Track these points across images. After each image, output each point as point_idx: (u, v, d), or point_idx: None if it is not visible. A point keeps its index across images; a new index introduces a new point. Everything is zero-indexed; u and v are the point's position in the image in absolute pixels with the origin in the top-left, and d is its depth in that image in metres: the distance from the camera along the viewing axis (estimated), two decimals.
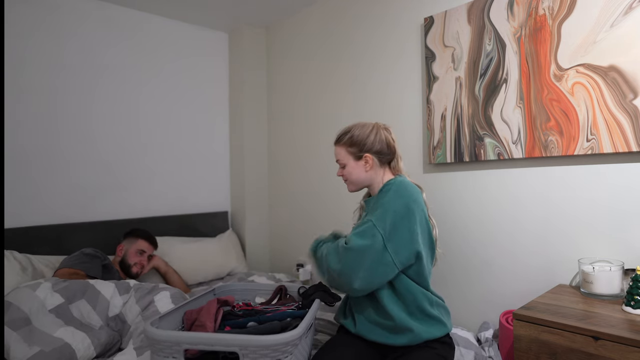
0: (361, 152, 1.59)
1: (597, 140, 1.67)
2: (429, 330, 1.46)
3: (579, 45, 1.72)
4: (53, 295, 1.74)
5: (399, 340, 1.45)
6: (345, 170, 1.64)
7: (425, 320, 1.47)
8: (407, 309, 1.46)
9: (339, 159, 1.65)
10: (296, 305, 1.68)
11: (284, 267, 3.21)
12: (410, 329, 1.44)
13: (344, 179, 1.67)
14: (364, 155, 1.59)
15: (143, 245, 2.41)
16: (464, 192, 2.12)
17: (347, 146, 1.62)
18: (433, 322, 1.48)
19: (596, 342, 1.27)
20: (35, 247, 2.38)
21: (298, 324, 1.60)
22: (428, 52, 2.20)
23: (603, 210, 1.70)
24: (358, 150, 1.60)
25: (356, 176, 1.62)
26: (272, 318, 1.50)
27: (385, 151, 1.60)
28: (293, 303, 1.71)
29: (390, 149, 1.61)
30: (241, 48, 3.28)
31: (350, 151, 1.62)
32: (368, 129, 1.61)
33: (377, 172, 1.61)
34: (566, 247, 1.79)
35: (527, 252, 1.91)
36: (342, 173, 1.66)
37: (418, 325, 1.45)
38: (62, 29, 2.62)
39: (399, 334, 1.45)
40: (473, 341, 1.78)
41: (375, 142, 1.59)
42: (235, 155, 3.34)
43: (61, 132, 2.60)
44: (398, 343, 1.45)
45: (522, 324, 1.43)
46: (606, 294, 1.55)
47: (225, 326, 1.46)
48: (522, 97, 1.87)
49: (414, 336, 1.44)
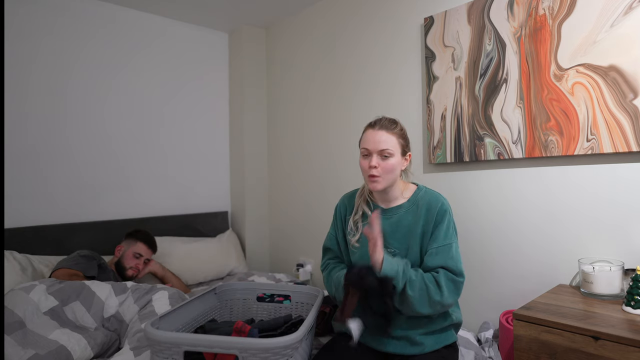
0: (407, 148, 1.50)
1: (597, 140, 1.66)
2: (439, 342, 1.46)
3: (579, 45, 1.71)
4: (47, 297, 1.74)
5: (407, 351, 1.44)
6: (388, 162, 1.43)
7: (437, 334, 1.47)
8: (424, 328, 1.45)
9: (388, 147, 1.43)
10: None
11: (284, 267, 3.21)
12: (421, 343, 1.44)
13: (377, 174, 1.43)
14: (409, 153, 1.50)
15: (141, 248, 2.38)
16: (463, 192, 2.12)
17: (398, 137, 1.46)
18: (444, 334, 1.48)
19: (596, 342, 1.27)
20: (35, 247, 2.38)
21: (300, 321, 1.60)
22: (428, 52, 2.20)
23: (603, 210, 1.70)
24: (406, 144, 1.49)
25: (397, 172, 1.46)
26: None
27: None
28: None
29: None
30: (241, 48, 3.28)
31: (401, 143, 1.47)
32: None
33: (399, 174, 1.52)
34: (566, 247, 1.79)
35: (527, 252, 1.91)
36: (382, 165, 1.43)
37: (431, 340, 1.45)
38: (65, 30, 2.62)
39: (407, 346, 1.45)
40: (473, 341, 1.78)
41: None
42: (235, 156, 3.34)
43: (62, 132, 2.60)
44: (406, 353, 1.45)
45: (522, 324, 1.43)
46: (606, 294, 1.54)
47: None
48: (522, 97, 1.87)
49: (423, 349, 1.44)
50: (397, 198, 1.53)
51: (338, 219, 1.66)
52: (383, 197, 1.54)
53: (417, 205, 1.49)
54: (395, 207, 1.52)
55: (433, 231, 1.44)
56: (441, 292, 1.36)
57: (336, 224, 1.66)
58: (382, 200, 1.55)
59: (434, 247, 1.42)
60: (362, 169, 1.48)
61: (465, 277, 1.43)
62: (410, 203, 1.51)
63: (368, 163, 1.45)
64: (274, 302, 1.81)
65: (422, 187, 1.55)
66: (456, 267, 1.40)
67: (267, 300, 1.82)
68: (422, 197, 1.50)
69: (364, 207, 1.57)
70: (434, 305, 1.37)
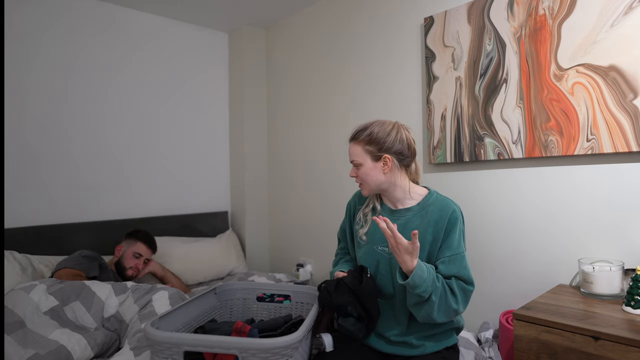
0: (380, 151, 1.45)
1: (597, 140, 1.66)
2: (440, 344, 1.47)
3: (579, 45, 1.71)
4: (47, 297, 1.74)
5: (407, 353, 1.45)
6: (360, 171, 1.48)
7: (439, 336, 1.47)
8: (425, 331, 1.46)
9: (354, 158, 1.48)
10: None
11: (284, 267, 3.21)
12: (422, 345, 1.44)
13: (358, 181, 1.51)
14: (383, 156, 1.45)
15: (141, 248, 2.38)
16: (463, 192, 2.12)
17: (365, 144, 1.46)
18: (445, 336, 1.48)
19: (596, 342, 1.27)
20: (35, 247, 2.39)
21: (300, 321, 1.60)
22: (428, 52, 2.20)
23: (603, 210, 1.70)
24: (377, 149, 1.45)
25: (373, 178, 1.47)
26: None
27: (406, 153, 1.48)
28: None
29: (411, 151, 1.50)
30: (241, 48, 3.28)
31: (368, 150, 1.46)
32: (389, 127, 1.47)
33: (396, 175, 1.49)
34: (566, 247, 1.79)
35: (527, 252, 1.91)
36: (356, 174, 1.50)
37: (432, 343, 1.45)
38: (65, 30, 2.62)
39: (408, 349, 1.45)
40: (473, 341, 1.78)
41: (396, 141, 1.45)
42: (235, 155, 3.34)
43: (63, 132, 2.61)
44: (406, 354, 1.45)
45: (522, 324, 1.43)
46: (606, 294, 1.55)
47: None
48: (522, 97, 1.87)
49: (424, 350, 1.44)
50: (404, 200, 1.52)
51: (349, 212, 1.68)
52: (387, 198, 1.55)
53: (426, 210, 1.47)
54: (404, 209, 1.51)
55: (445, 238, 1.42)
56: (457, 300, 1.36)
57: (347, 215, 1.69)
58: (388, 201, 1.55)
59: (447, 255, 1.40)
60: None
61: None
62: (420, 207, 1.49)
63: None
64: (274, 302, 1.81)
65: (434, 192, 1.52)
66: (468, 276, 1.39)
67: (267, 300, 1.82)
68: (432, 202, 1.48)
69: (374, 202, 1.58)
70: (450, 313, 1.37)
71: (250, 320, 1.75)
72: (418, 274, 1.29)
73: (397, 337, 1.45)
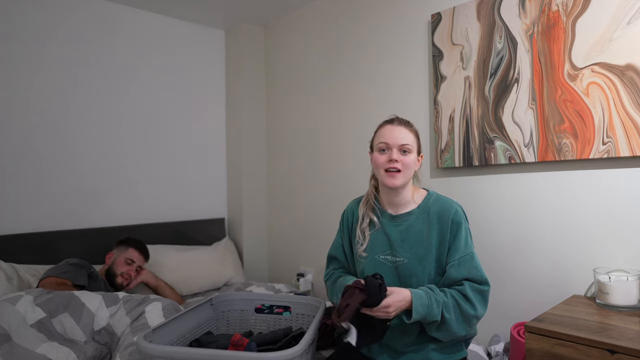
0: (419, 148, 1.56)
1: (613, 143, 1.67)
2: (449, 356, 1.47)
3: (594, 43, 1.73)
4: (34, 309, 1.74)
5: None
6: (408, 157, 1.49)
7: (447, 349, 1.48)
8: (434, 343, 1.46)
9: (408, 142, 1.49)
10: None
11: (283, 277, 3.21)
12: (431, 358, 1.46)
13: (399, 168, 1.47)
14: (421, 154, 1.59)
15: (133, 254, 2.41)
16: (473, 198, 2.12)
17: (414, 135, 1.54)
18: (454, 350, 1.49)
19: (612, 356, 1.28)
20: (21, 256, 2.39)
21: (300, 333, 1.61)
22: (435, 50, 2.22)
23: (620, 217, 1.71)
24: (419, 145, 1.56)
25: (411, 170, 1.51)
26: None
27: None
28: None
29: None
30: (238, 46, 3.30)
31: (416, 142, 1.54)
32: None
33: (412, 176, 1.56)
34: (581, 255, 1.80)
35: (539, 261, 1.91)
36: (402, 159, 1.47)
37: (440, 356, 1.46)
38: (51, 26, 2.63)
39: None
40: (483, 355, 1.79)
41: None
42: (232, 159, 3.35)
43: (51, 136, 2.61)
44: None
45: (535, 336, 1.43)
46: (623, 305, 1.55)
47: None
48: (534, 98, 1.88)
49: None
50: (408, 203, 1.54)
51: (345, 227, 1.67)
52: (392, 201, 1.55)
53: (427, 212, 1.50)
54: (405, 213, 1.53)
55: (452, 241, 1.46)
56: (473, 305, 1.40)
57: (342, 231, 1.68)
58: (390, 205, 1.56)
59: (456, 258, 1.44)
60: (378, 165, 1.50)
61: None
62: (421, 209, 1.52)
63: (387, 157, 1.48)
64: (273, 314, 1.82)
65: (433, 193, 1.56)
66: (481, 276, 1.44)
67: (266, 312, 1.82)
68: (433, 203, 1.51)
69: (370, 215, 1.58)
70: (470, 321, 1.41)
71: (248, 333, 1.75)
72: (418, 303, 1.34)
73: (404, 348, 1.47)
